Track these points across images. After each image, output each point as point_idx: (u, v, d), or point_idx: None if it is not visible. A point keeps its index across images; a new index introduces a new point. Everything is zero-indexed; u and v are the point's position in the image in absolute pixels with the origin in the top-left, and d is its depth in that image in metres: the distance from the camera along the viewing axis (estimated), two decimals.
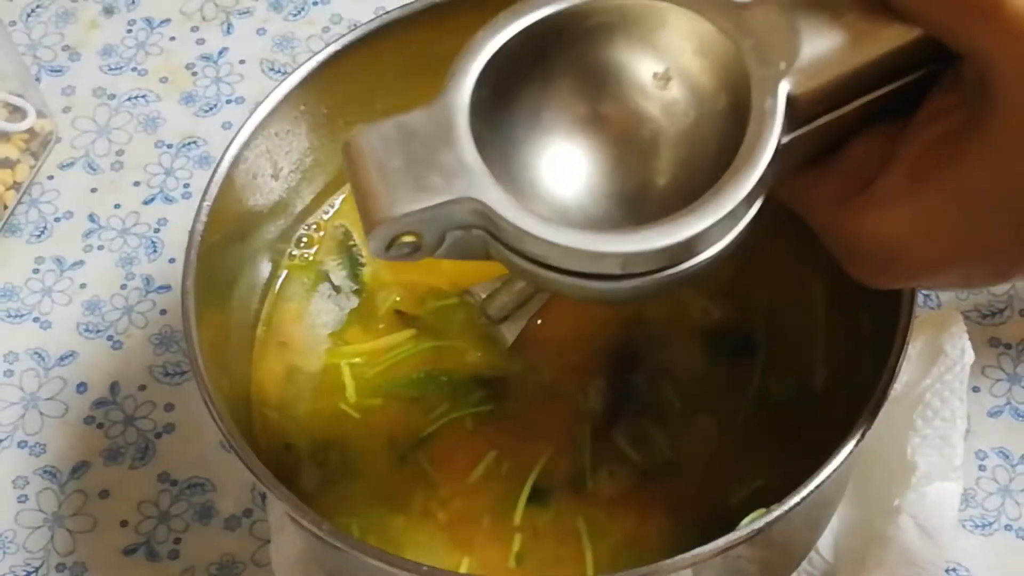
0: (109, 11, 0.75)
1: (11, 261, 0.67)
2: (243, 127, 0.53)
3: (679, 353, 0.54)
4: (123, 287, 0.66)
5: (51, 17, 0.75)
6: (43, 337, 0.65)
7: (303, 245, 0.58)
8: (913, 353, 0.55)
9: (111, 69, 0.73)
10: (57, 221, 0.68)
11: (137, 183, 0.69)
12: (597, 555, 0.50)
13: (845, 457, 0.44)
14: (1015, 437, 0.59)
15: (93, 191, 0.69)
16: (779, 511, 0.43)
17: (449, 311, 0.55)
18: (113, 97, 0.72)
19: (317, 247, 0.58)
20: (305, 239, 0.58)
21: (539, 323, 0.54)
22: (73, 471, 0.61)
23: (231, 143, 0.52)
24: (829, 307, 0.54)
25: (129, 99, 0.72)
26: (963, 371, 0.54)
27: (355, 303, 0.56)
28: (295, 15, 0.74)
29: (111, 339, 0.64)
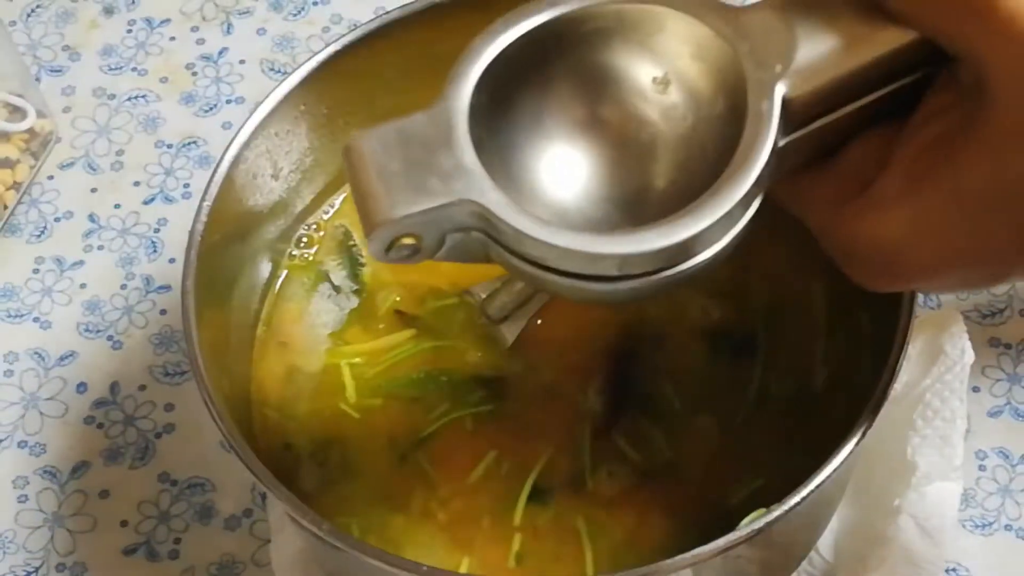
0: (109, 11, 0.75)
1: (11, 261, 0.67)
2: (243, 127, 0.53)
3: (679, 353, 0.54)
4: (123, 287, 0.66)
5: (51, 17, 0.75)
6: (43, 337, 0.65)
7: (303, 245, 0.58)
8: (913, 353, 0.55)
9: (111, 69, 0.73)
10: (57, 221, 0.68)
11: (137, 183, 0.69)
12: (597, 555, 0.50)
13: (845, 457, 0.44)
14: (1015, 437, 0.59)
15: (93, 191, 0.69)
16: (779, 511, 0.43)
17: (449, 311, 0.55)
18: (113, 97, 0.72)
19: (317, 247, 0.58)
20: (305, 239, 0.58)
21: (539, 323, 0.54)
22: (73, 471, 0.61)
23: (231, 143, 0.52)
24: (829, 307, 0.54)
25: (129, 99, 0.72)
26: (963, 371, 0.54)
27: (355, 303, 0.56)
28: (295, 15, 0.74)
29: (111, 339, 0.64)
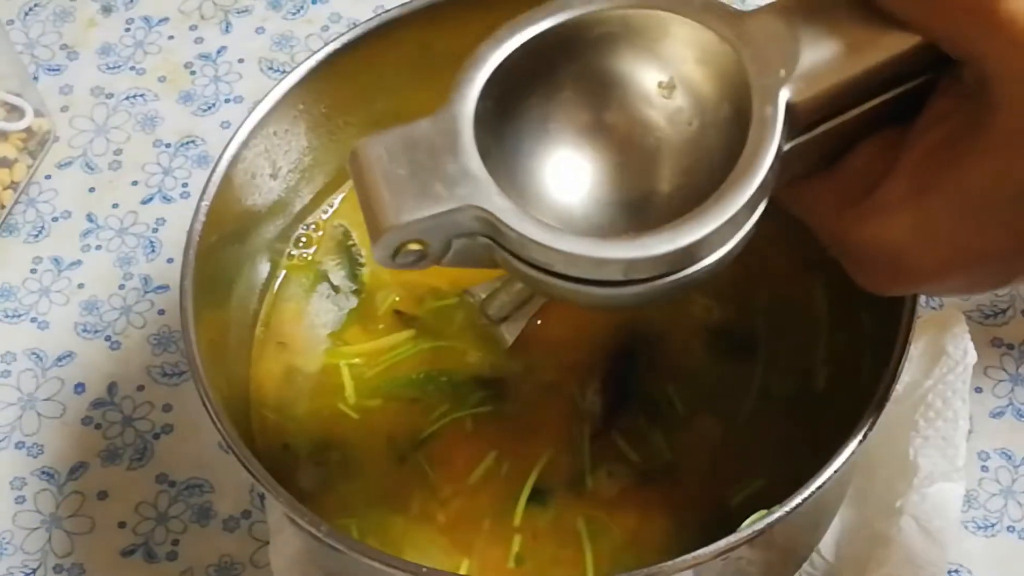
0: (107, 10, 0.75)
1: (8, 261, 0.67)
2: (242, 126, 0.53)
3: (680, 353, 0.54)
4: (121, 287, 0.66)
5: (49, 16, 0.75)
6: (41, 337, 0.64)
7: (302, 245, 0.58)
8: (915, 353, 0.55)
9: (109, 68, 0.73)
10: (55, 221, 0.68)
11: (135, 183, 0.69)
12: (597, 556, 0.50)
13: (847, 458, 0.44)
14: (1017, 438, 0.58)
15: (91, 191, 0.69)
16: (781, 512, 0.43)
17: (449, 311, 0.55)
18: (111, 96, 0.72)
19: (316, 247, 0.58)
20: (304, 239, 0.58)
21: (539, 323, 0.54)
22: (71, 472, 0.60)
23: (229, 142, 0.52)
24: (830, 307, 0.54)
25: (127, 98, 0.71)
26: (965, 371, 0.54)
27: (354, 303, 0.56)
28: (294, 14, 0.73)
29: (109, 339, 0.64)
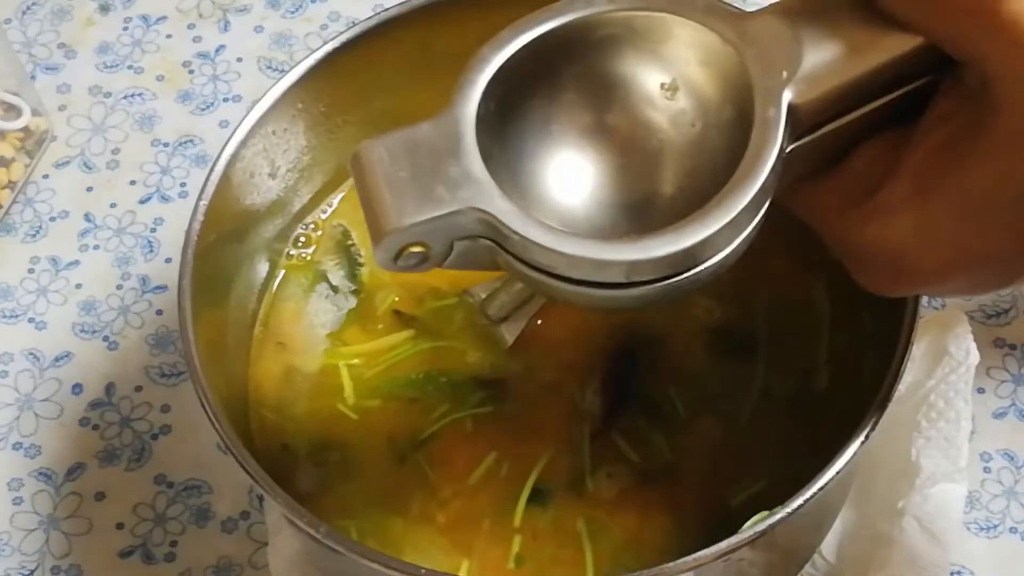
0: (105, 8, 0.74)
1: (6, 261, 0.67)
2: (240, 125, 0.53)
3: (680, 353, 0.53)
4: (119, 287, 0.65)
5: (47, 15, 0.74)
6: (38, 338, 0.64)
7: (301, 245, 0.57)
8: (917, 354, 0.55)
9: (107, 67, 0.72)
10: (52, 220, 0.68)
11: (133, 182, 0.69)
12: (597, 557, 0.50)
13: (849, 458, 0.44)
14: (1020, 439, 0.58)
15: (89, 190, 0.68)
16: (782, 513, 0.43)
17: (448, 311, 0.55)
18: (109, 95, 0.71)
19: (315, 247, 0.57)
20: (303, 238, 0.58)
21: (539, 323, 0.54)
22: (68, 473, 0.60)
23: (228, 142, 0.52)
24: (832, 307, 0.54)
25: (125, 97, 0.71)
26: (968, 372, 0.54)
27: (353, 303, 0.56)
28: (293, 12, 0.73)
29: (107, 340, 0.64)
